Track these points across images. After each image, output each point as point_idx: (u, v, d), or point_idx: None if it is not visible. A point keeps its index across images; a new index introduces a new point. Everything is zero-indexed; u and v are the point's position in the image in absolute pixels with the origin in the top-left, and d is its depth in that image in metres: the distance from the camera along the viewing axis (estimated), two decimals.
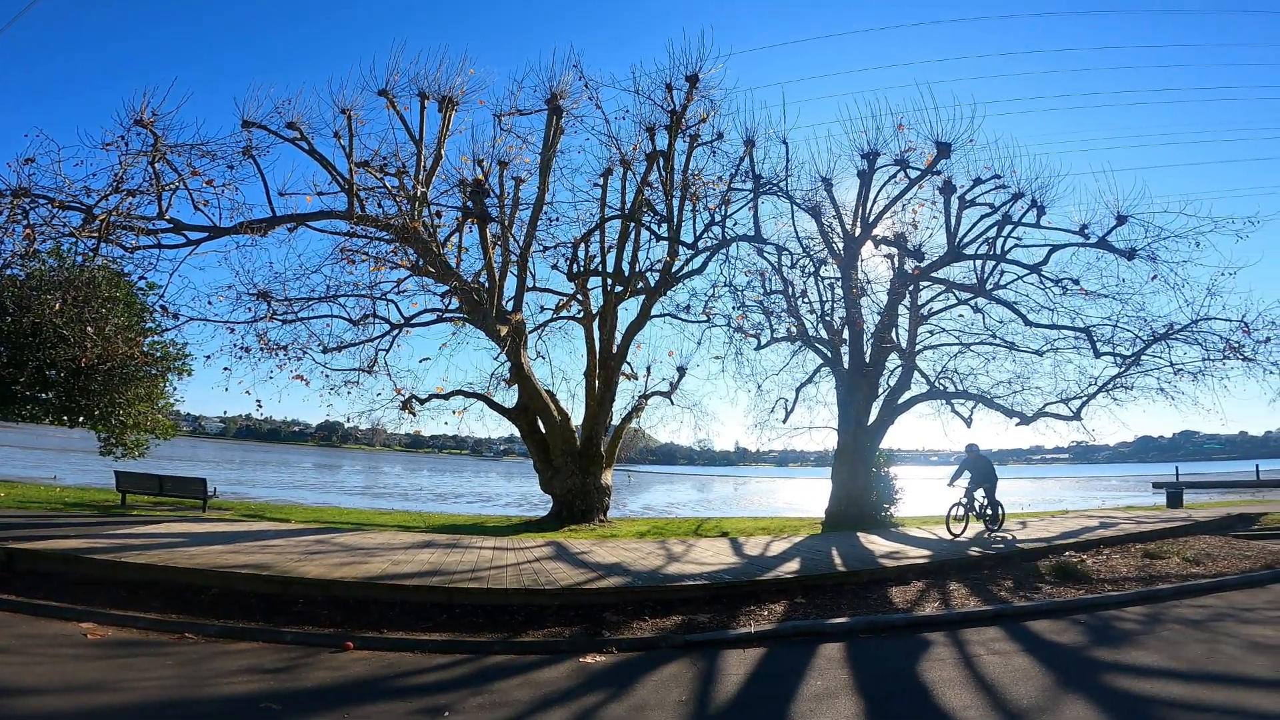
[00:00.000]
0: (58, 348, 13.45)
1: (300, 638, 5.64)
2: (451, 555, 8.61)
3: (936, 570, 8.67)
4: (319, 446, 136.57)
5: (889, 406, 15.35)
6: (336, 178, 11.76)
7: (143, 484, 14.01)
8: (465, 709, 4.24)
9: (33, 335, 13.99)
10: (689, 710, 4.36)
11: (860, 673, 5.12)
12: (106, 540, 8.27)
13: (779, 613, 6.76)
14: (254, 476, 40.51)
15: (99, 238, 9.50)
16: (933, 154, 13.09)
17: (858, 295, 14.86)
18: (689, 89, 13.77)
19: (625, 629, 6.20)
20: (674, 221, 14.64)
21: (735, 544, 10.78)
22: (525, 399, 14.61)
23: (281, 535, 9.76)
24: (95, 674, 4.51)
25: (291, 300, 12.97)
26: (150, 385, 16.63)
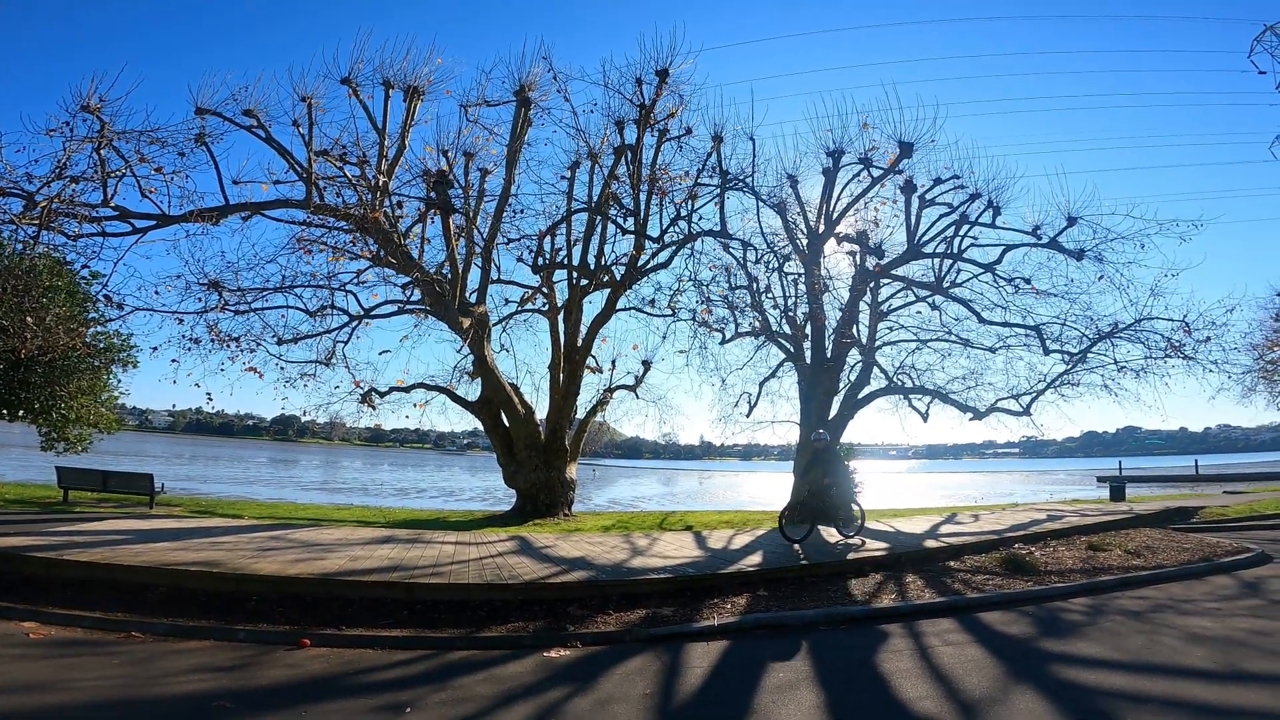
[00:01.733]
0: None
1: (254, 635, 5.52)
2: (413, 551, 8.49)
3: (894, 563, 8.87)
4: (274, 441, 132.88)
5: (849, 401, 15.56)
6: (294, 166, 11.41)
7: (86, 480, 13.47)
8: (427, 705, 4.20)
9: None
10: (654, 703, 4.39)
11: (821, 664, 5.22)
12: (48, 538, 7.98)
13: (742, 605, 6.85)
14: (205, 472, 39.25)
15: (40, 225, 9.05)
16: (896, 153, 13.33)
17: (820, 291, 15.04)
18: (659, 84, 13.77)
19: (589, 623, 6.20)
20: (641, 215, 14.64)
21: (699, 538, 10.87)
22: (488, 392, 14.46)
23: (234, 532, 9.49)
24: (40, 674, 4.38)
25: (245, 290, 12.57)
26: (93, 377, 15.93)
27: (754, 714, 4.20)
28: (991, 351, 15.76)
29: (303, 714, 3.95)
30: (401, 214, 12.77)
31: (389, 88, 12.17)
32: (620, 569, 7.85)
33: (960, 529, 11.79)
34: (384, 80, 12.10)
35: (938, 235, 14.51)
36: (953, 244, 14.45)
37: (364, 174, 12.15)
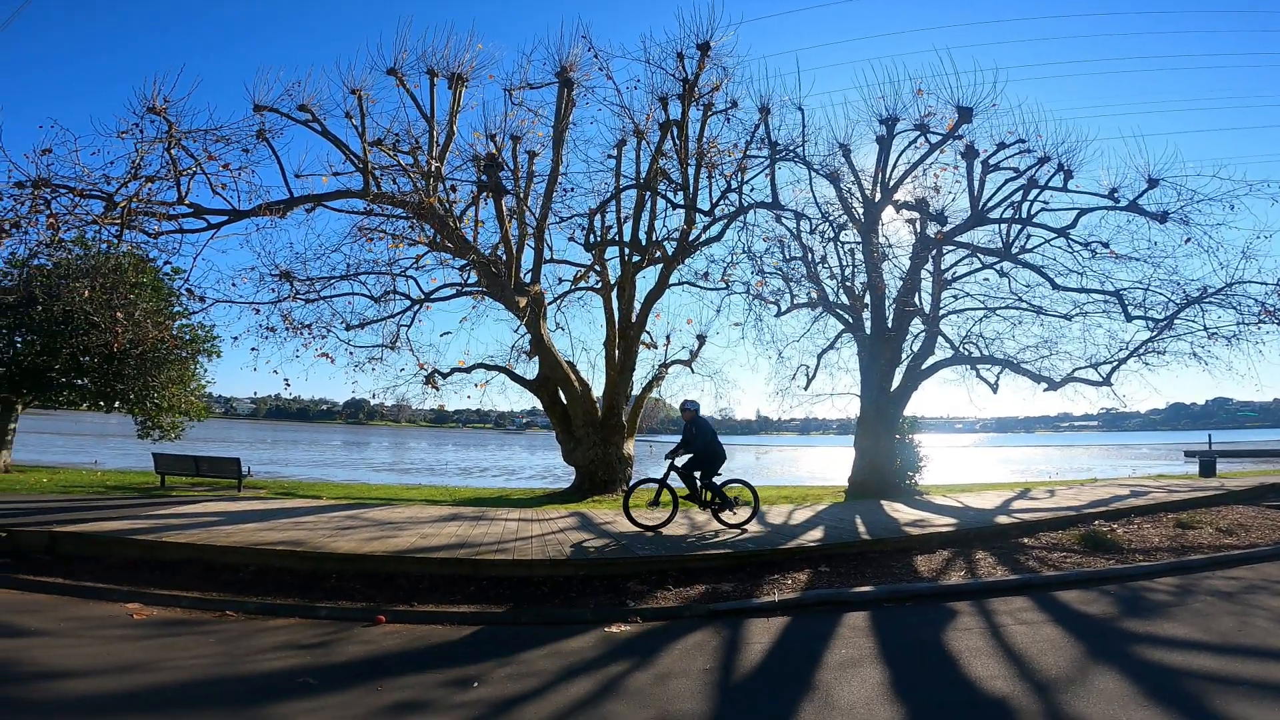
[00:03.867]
0: (89, 334, 13.81)
1: (334, 613, 5.76)
2: (478, 528, 8.76)
3: (962, 539, 8.60)
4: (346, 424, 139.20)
5: (912, 372, 15.17)
6: (351, 157, 11.74)
7: (180, 465, 14.37)
8: (493, 679, 4.32)
9: (64, 323, 14.36)
10: (714, 679, 4.41)
11: (886, 642, 5.12)
12: (147, 521, 8.49)
13: (802, 581, 6.78)
14: (285, 455, 41.51)
15: (121, 224, 9.61)
16: (954, 119, 12.82)
17: (879, 260, 14.62)
18: (700, 57, 13.59)
19: (649, 599, 6.26)
20: (690, 190, 14.47)
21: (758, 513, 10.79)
22: (546, 370, 14.68)
23: (313, 512, 9.98)
24: (141, 654, 4.61)
25: (313, 280, 13.08)
26: (181, 368, 17.03)
27: (816, 690, 4.16)
28: (1067, 319, 14.96)
29: (379, 689, 4.10)
30: (455, 199, 13.01)
31: (433, 76, 12.32)
32: (680, 544, 7.88)
33: (1034, 505, 11.31)
34: (428, 69, 12.25)
35: (1004, 200, 13.88)
36: (1021, 209, 13.79)
37: (416, 161, 12.41)
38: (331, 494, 13.90)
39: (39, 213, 9.07)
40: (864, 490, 14.17)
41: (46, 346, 14.76)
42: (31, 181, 9.02)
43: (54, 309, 14.11)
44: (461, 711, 3.80)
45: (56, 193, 9.28)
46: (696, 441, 9.13)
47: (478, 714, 3.78)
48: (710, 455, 9.15)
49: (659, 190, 15.10)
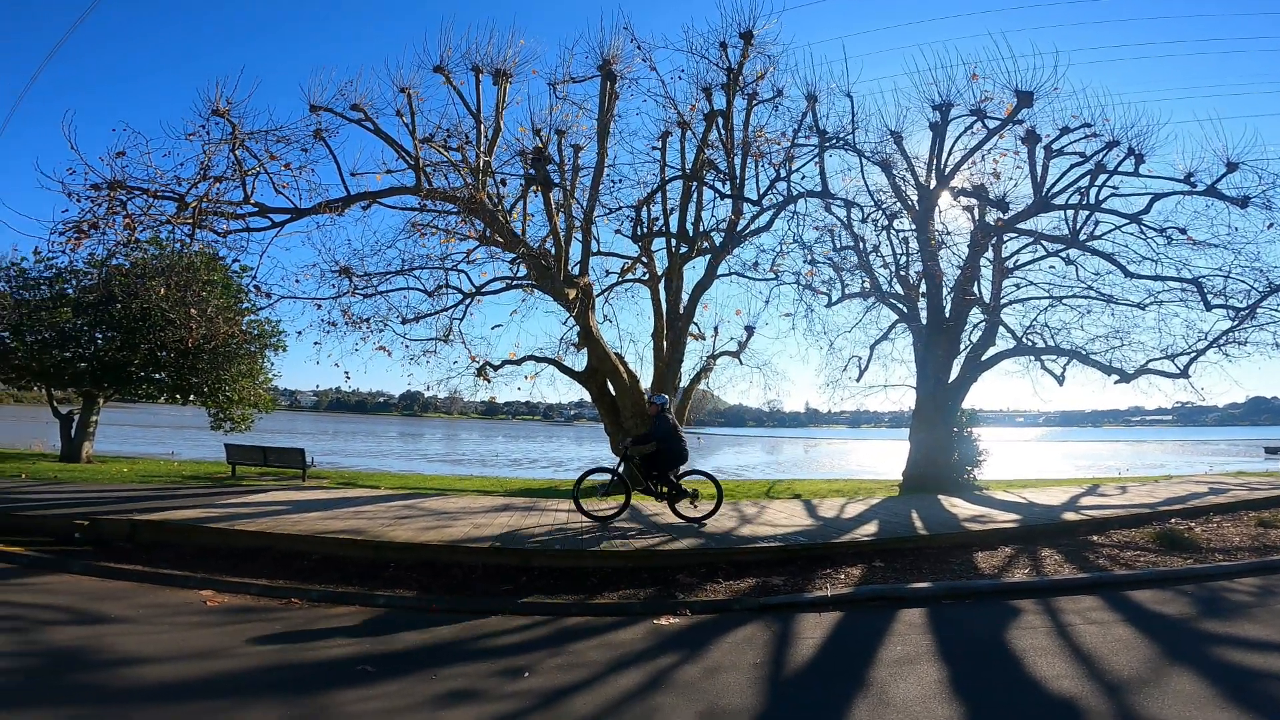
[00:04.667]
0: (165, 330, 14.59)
1: (392, 601, 5.89)
2: (529, 518, 8.90)
3: (1027, 536, 8.27)
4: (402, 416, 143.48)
5: (971, 363, 14.66)
6: (403, 155, 12.02)
7: (250, 456, 15.00)
8: (544, 669, 4.36)
9: (142, 320, 15.20)
10: (765, 673, 4.36)
11: (944, 639, 4.97)
12: (220, 510, 8.84)
13: (856, 577, 6.64)
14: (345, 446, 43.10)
15: (193, 224, 10.07)
16: (1012, 103, 12.31)
17: (935, 248, 14.18)
18: (744, 46, 13.45)
19: (699, 591, 6.23)
20: (738, 180, 14.30)
21: (809, 506, 10.64)
22: (594, 362, 14.77)
23: (373, 502, 10.30)
24: (213, 640, 4.77)
25: (370, 275, 13.46)
26: (250, 362, 17.79)
27: (870, 687, 4.07)
28: (1140, 308, 14.24)
29: (434, 677, 4.19)
30: (503, 193, 13.18)
31: (478, 73, 12.49)
32: (729, 537, 7.83)
33: (1105, 501, 10.80)
34: (473, 66, 12.42)
35: (1070, 186, 13.23)
36: (1088, 194, 13.12)
37: (465, 157, 12.62)
38: (389, 484, 14.35)
39: (116, 214, 9.57)
40: (919, 484, 13.78)
41: (126, 342, 15.63)
42: (107, 184, 9.53)
43: (132, 306, 14.94)
44: (513, 701, 3.85)
45: (131, 194, 9.78)
46: (654, 436, 9.04)
47: (529, 704, 3.82)
48: (666, 451, 9.00)
49: (706, 180, 14.98)
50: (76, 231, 9.49)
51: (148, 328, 15.09)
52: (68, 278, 16.33)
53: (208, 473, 15.05)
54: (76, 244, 9.62)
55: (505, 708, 3.76)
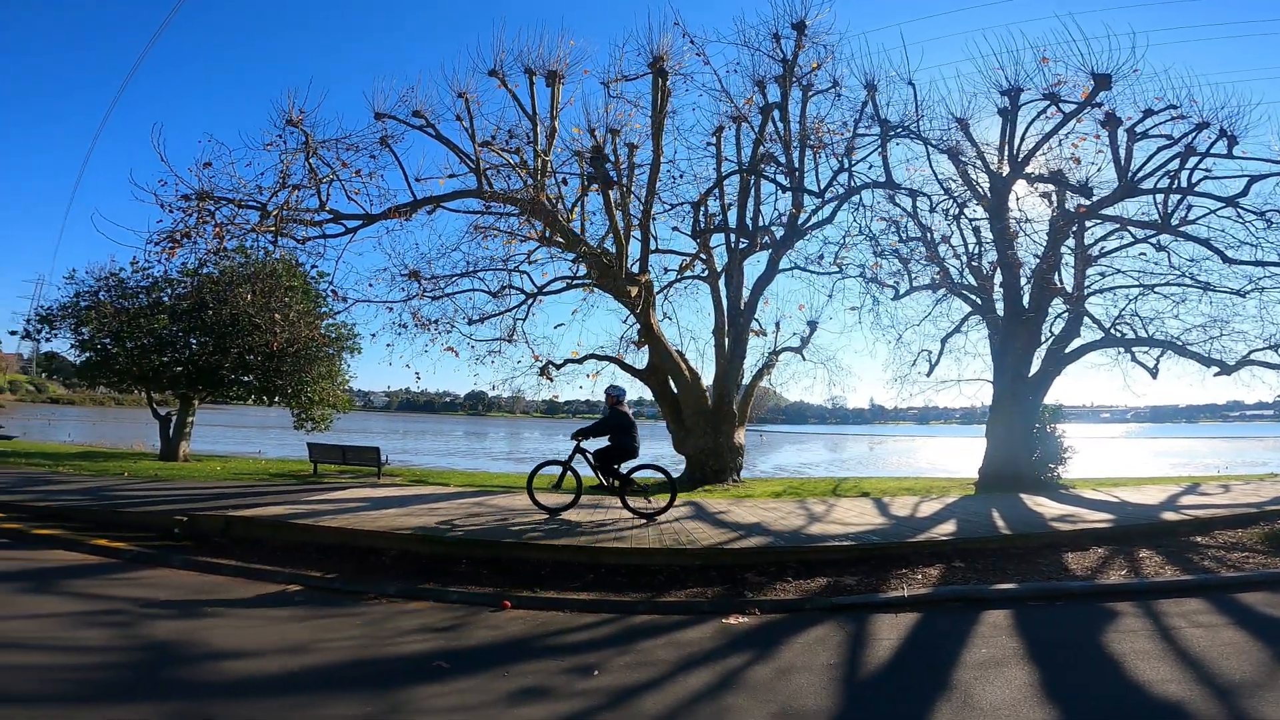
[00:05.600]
0: (252, 335, 15.45)
1: (464, 597, 5.94)
2: (594, 515, 8.94)
3: (1121, 536, 7.76)
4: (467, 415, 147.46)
5: (1054, 356, 13.94)
6: (464, 159, 12.32)
7: (329, 454, 15.60)
8: (613, 668, 4.34)
9: (231, 325, 16.14)
10: (840, 674, 4.22)
11: (1033, 642, 4.70)
12: (304, 506, 9.12)
13: (934, 577, 6.37)
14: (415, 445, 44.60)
15: (275, 232, 10.61)
16: (1088, 86, 11.75)
17: (1011, 236, 13.55)
18: (797, 37, 13.28)
19: (768, 590, 6.10)
20: (798, 173, 14.00)
21: (880, 504, 10.30)
22: (656, 360, 14.76)
23: (444, 499, 10.53)
24: (299, 635, 4.90)
25: (437, 277, 13.85)
26: (329, 364, 18.60)
27: (953, 690, 3.89)
28: (1240, 295, 13.35)
29: (505, 674, 4.21)
30: (563, 193, 13.34)
31: (531, 75, 12.67)
32: (798, 535, 7.65)
33: (1206, 500, 10.06)
34: (525, 69, 12.61)
35: (1158, 169, 12.46)
36: (1179, 178, 12.31)
37: (523, 160, 12.83)
38: (458, 481, 14.73)
39: (205, 223, 10.19)
40: (997, 483, 13.16)
41: (218, 346, 16.63)
42: (196, 194, 10.14)
43: (222, 313, 15.90)
44: (583, 699, 3.83)
45: (219, 204, 10.37)
46: (607, 427, 8.94)
47: (599, 702, 3.80)
48: (617, 444, 8.90)
49: (765, 174, 14.74)
50: (170, 241, 10.13)
51: (236, 332, 15.99)
52: (163, 286, 17.48)
53: (292, 470, 15.73)
54: (171, 253, 10.28)
55: (575, 706, 3.75)
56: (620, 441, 8.96)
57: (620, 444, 8.96)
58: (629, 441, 8.98)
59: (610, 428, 9.02)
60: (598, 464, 9.03)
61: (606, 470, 9.01)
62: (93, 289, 17.27)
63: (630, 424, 9.10)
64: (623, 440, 8.96)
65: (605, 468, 9.02)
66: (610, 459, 8.98)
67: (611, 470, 9.00)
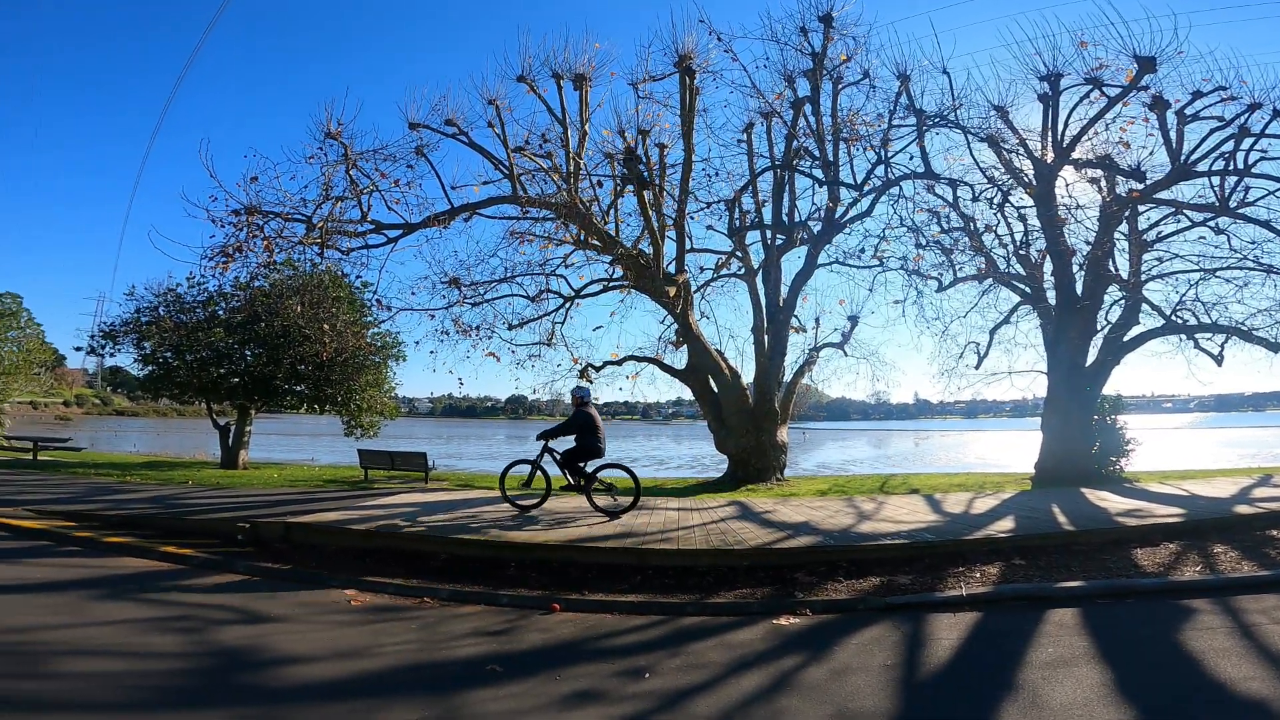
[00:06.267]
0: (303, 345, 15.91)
1: (514, 600, 5.97)
2: (639, 517, 8.92)
3: (1193, 531, 7.41)
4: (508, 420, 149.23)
5: (1111, 345, 13.43)
6: (498, 166, 12.46)
7: (379, 460, 15.86)
8: (664, 670, 4.31)
9: (283, 337, 16.67)
10: (897, 675, 4.13)
11: (1104, 640, 4.54)
12: (358, 512, 9.27)
13: (993, 575, 6.18)
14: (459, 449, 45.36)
15: (321, 244, 10.90)
16: (1132, 70, 11.41)
17: (1061, 223, 13.14)
18: (824, 29, 13.11)
19: (818, 590, 6.00)
20: (833, 167, 13.79)
21: (932, 501, 10.04)
22: (695, 359, 14.69)
23: (489, 503, 10.53)
24: (358, 639, 4.98)
25: (477, 284, 14.01)
26: (376, 372, 19.06)
27: (1020, 690, 3.78)
28: None
29: (558, 677, 4.21)
30: (595, 196, 13.38)
31: (558, 79, 12.74)
32: (848, 534, 7.51)
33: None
34: (553, 73, 12.69)
35: (1212, 152, 11.96)
36: (1234, 159, 11.79)
37: (555, 164, 12.91)
38: None
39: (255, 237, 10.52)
40: (1054, 477, 12.70)
41: (271, 357, 17.20)
42: (245, 209, 10.49)
43: (274, 324, 16.43)
44: (636, 703, 3.82)
45: (266, 218, 10.70)
46: (572, 427, 9.21)
47: (652, 705, 3.78)
48: (581, 444, 9.17)
49: (799, 168, 14.56)
50: (223, 256, 10.50)
51: (288, 343, 16.51)
52: (217, 300, 18.18)
53: (343, 476, 16.11)
54: (224, 267, 10.65)
55: (629, 709, 3.73)
56: (585, 441, 9.21)
57: (585, 444, 9.21)
58: (593, 441, 9.22)
59: (576, 427, 9.28)
60: (564, 463, 9.30)
61: (572, 469, 9.29)
62: (152, 304, 18.02)
63: (595, 424, 9.33)
64: (587, 440, 9.20)
65: (571, 467, 9.30)
66: (576, 458, 9.26)
67: (577, 469, 9.28)
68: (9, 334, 24.43)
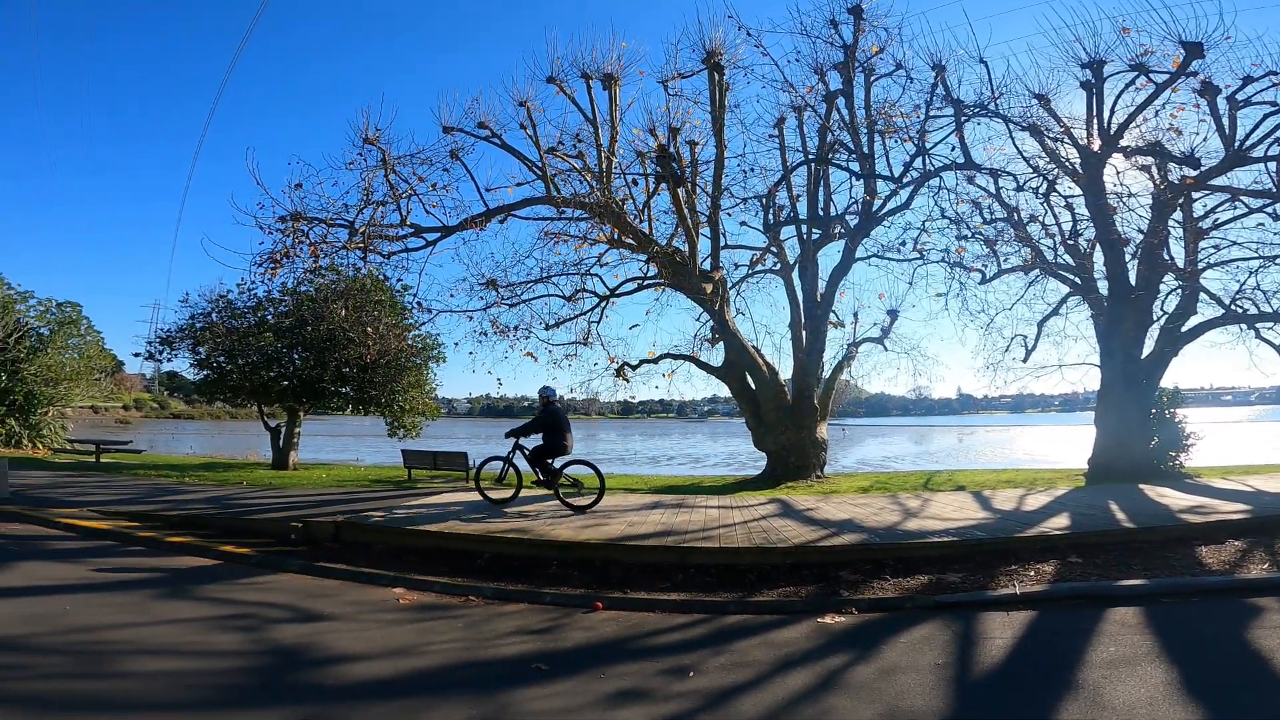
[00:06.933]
0: (347, 348, 16.32)
1: (558, 599, 6.01)
2: (680, 515, 8.93)
3: (1259, 527, 7.09)
4: None
5: (1169, 336, 12.94)
6: (531, 167, 12.55)
7: (421, 460, 16.04)
8: (708, 669, 4.30)
9: (328, 340, 17.11)
10: (949, 674, 4.06)
11: (1168, 640, 4.40)
12: (403, 511, 9.46)
13: (1049, 573, 6.02)
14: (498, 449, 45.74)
15: (363, 249, 11.15)
16: (1178, 56, 11.10)
17: (1111, 211, 12.71)
18: (855, 21, 12.94)
19: (864, 589, 5.93)
20: (869, 159, 13.55)
21: (980, 498, 9.80)
22: (732, 356, 14.59)
23: (529, 501, 10.61)
24: (407, 637, 5.04)
25: (513, 285, 14.13)
26: (417, 374, 19.42)
27: (1080, 689, 3.69)
28: None
29: (603, 676, 4.24)
30: (629, 194, 13.39)
31: (588, 79, 12.75)
32: (893, 532, 7.39)
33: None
34: (581, 73, 12.70)
35: (1268, 136, 11.49)
36: None
37: (586, 164, 12.96)
38: None
39: (301, 243, 10.82)
40: (1109, 473, 12.26)
41: (318, 361, 17.64)
42: (290, 215, 10.79)
43: (320, 328, 16.89)
44: (681, 701, 3.81)
45: (312, 224, 10.99)
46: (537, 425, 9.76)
47: (697, 704, 3.77)
48: (547, 442, 9.69)
49: (835, 162, 14.34)
50: (272, 262, 10.84)
51: (333, 347, 16.94)
52: (266, 306, 18.76)
53: (388, 476, 16.43)
54: (273, 273, 10.98)
55: (674, 708, 3.73)
56: (550, 439, 9.71)
57: (550, 442, 9.71)
58: (558, 439, 9.70)
59: (542, 425, 9.81)
60: (531, 459, 9.79)
61: (540, 466, 9.77)
62: (205, 311, 18.70)
63: (559, 422, 9.80)
64: (552, 438, 9.70)
65: (539, 463, 9.77)
66: (542, 455, 9.73)
67: (544, 465, 9.73)
68: (70, 341, 25.66)
